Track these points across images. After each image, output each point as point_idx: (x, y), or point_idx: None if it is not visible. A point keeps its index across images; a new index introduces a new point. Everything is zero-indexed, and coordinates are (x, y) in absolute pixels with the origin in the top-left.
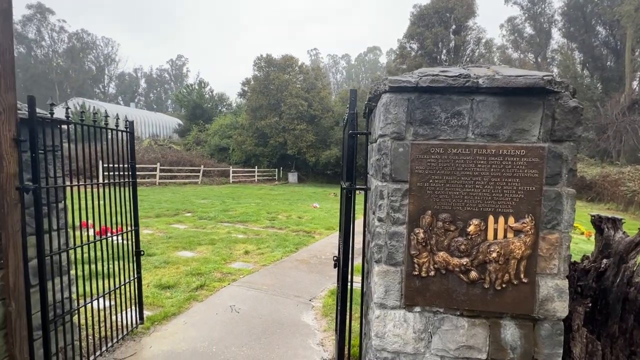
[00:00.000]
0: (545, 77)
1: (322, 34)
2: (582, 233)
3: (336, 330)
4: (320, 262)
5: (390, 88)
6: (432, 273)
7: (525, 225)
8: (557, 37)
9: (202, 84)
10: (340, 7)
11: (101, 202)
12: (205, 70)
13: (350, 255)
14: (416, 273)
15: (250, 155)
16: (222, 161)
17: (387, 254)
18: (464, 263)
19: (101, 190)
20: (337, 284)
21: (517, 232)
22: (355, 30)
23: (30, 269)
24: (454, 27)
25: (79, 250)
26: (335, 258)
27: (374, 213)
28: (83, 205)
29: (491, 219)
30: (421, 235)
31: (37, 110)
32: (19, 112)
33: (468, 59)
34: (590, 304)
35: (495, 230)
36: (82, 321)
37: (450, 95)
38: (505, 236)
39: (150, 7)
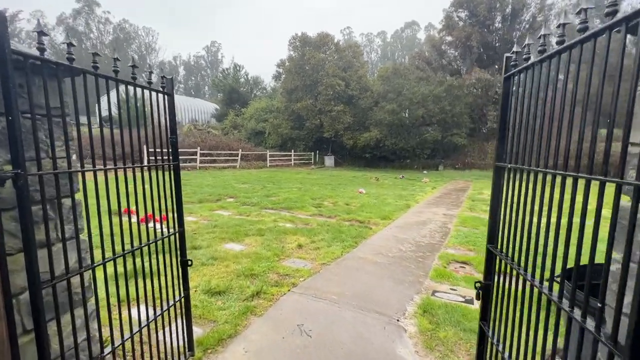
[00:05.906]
0: None
1: (355, 16)
2: None
3: None
4: (389, 263)
5: None
6: None
7: None
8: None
9: (237, 68)
10: None
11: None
12: (239, 55)
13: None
14: None
15: (286, 139)
16: (258, 145)
17: None
18: None
19: (131, 175)
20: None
21: None
22: (390, 8)
23: (22, 304)
24: None
25: (108, 265)
26: (478, 285)
27: None
28: (104, 194)
29: None
30: None
31: (17, 45)
32: None
33: (528, 26)
34: None
35: None
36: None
37: None
38: None
39: None
